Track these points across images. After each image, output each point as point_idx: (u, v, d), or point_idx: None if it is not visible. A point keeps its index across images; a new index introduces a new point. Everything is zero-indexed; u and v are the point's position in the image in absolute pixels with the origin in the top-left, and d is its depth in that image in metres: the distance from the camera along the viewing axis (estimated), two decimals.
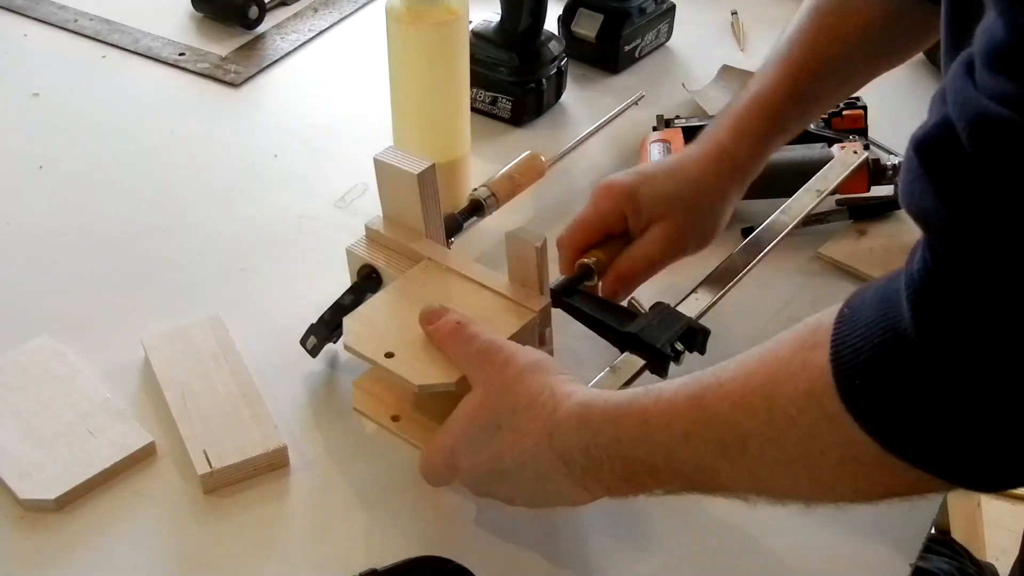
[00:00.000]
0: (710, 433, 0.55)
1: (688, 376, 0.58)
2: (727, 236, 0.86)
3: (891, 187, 0.96)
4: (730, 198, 0.81)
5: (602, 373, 0.74)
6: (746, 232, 0.94)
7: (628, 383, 0.73)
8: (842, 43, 0.80)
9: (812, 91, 0.81)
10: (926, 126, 0.45)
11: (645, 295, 0.82)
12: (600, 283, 0.80)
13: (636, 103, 1.07)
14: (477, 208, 0.90)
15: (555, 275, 0.78)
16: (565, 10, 1.18)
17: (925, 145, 0.45)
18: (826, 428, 0.49)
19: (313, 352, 0.81)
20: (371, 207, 0.91)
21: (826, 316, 0.51)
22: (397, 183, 0.78)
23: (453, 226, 0.87)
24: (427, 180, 0.76)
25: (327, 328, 0.80)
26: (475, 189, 0.91)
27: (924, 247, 0.46)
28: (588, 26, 1.16)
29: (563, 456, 0.61)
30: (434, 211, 0.78)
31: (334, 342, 0.81)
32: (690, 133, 1.00)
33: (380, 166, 0.78)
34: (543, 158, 0.96)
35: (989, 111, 0.41)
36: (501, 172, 0.93)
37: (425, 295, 0.73)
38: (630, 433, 0.58)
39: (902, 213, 0.91)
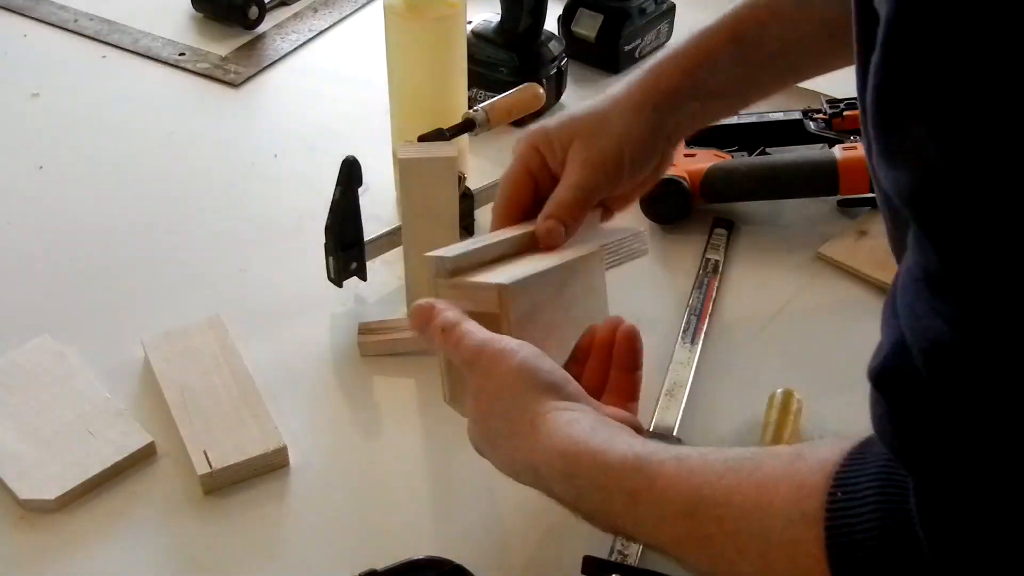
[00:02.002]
0: (703, 552, 0.52)
1: (678, 463, 0.53)
2: (697, 231, 0.85)
3: None
4: (652, 114, 0.74)
5: None
6: (717, 222, 0.95)
7: None
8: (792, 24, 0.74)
9: (750, 30, 0.75)
10: (881, 353, 0.44)
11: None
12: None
13: None
14: (469, 125, 0.90)
15: None
16: (565, 10, 1.18)
17: (884, 376, 0.44)
18: None
19: (336, 280, 0.83)
20: (371, 207, 0.91)
21: (815, 476, 0.47)
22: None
23: (439, 138, 0.87)
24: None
25: (336, 240, 0.81)
26: (472, 109, 0.91)
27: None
28: (588, 26, 1.16)
29: (551, 492, 0.58)
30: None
31: (357, 272, 0.84)
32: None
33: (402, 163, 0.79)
34: (541, 90, 0.96)
35: (940, 336, 0.40)
36: (499, 97, 0.93)
37: None
38: (619, 507, 0.54)
39: None
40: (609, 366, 0.66)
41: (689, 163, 0.96)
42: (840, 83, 0.82)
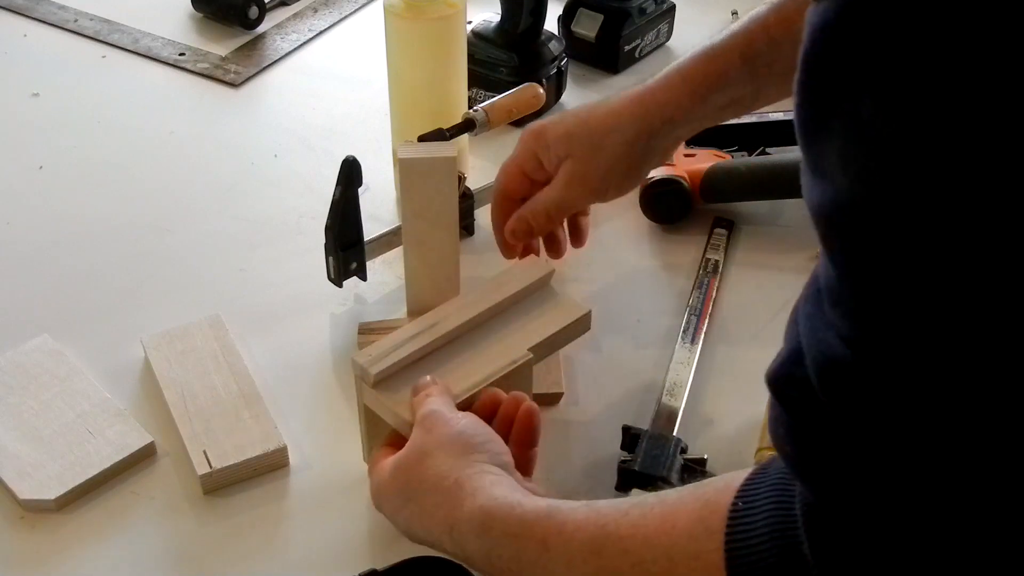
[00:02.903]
0: None
1: (588, 508, 0.54)
2: (697, 231, 0.84)
3: None
4: (649, 141, 0.76)
5: None
6: (717, 222, 0.94)
7: None
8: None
9: (763, 51, 0.73)
10: (779, 357, 0.45)
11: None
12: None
13: None
14: (469, 125, 0.90)
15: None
16: (565, 10, 1.18)
17: (779, 381, 0.44)
18: None
19: (336, 280, 0.83)
20: (371, 207, 0.91)
21: (721, 495, 0.48)
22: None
23: (439, 138, 0.86)
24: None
25: (336, 240, 0.81)
26: (472, 109, 0.91)
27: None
28: (588, 26, 1.16)
29: (464, 553, 0.59)
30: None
31: (356, 272, 0.83)
32: None
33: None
34: (541, 90, 0.96)
35: (832, 350, 0.41)
36: (499, 97, 0.93)
37: None
38: (530, 556, 0.55)
39: None
40: (508, 441, 0.65)
41: (689, 163, 0.96)
42: None
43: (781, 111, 1.02)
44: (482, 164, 1.01)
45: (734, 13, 1.28)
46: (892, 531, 0.41)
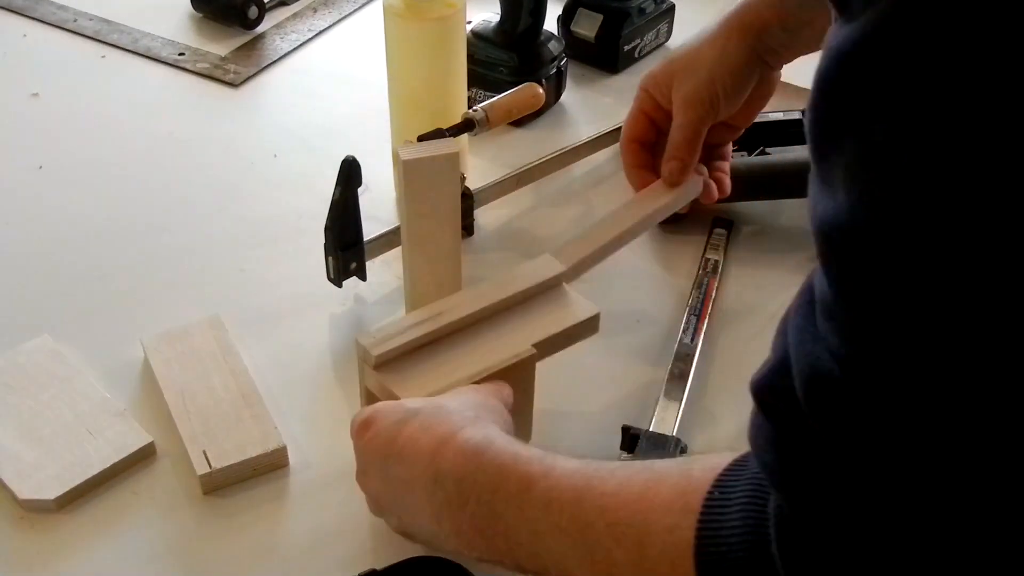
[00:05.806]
0: (582, 541, 0.52)
1: (579, 461, 0.55)
2: (697, 231, 0.84)
3: None
4: (738, 42, 0.82)
5: None
6: (717, 222, 0.94)
7: None
8: None
9: None
10: (766, 367, 0.45)
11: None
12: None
13: None
14: (468, 125, 0.90)
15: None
16: (565, 10, 1.18)
17: (763, 391, 0.45)
18: None
19: (336, 280, 0.83)
20: (371, 207, 0.91)
21: (706, 475, 0.48)
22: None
23: (438, 137, 0.86)
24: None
25: (336, 240, 0.81)
26: (471, 109, 0.91)
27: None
28: (588, 26, 1.16)
29: (446, 503, 0.57)
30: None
31: (356, 272, 0.83)
32: None
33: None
34: (540, 89, 0.95)
35: (821, 365, 0.41)
36: (498, 96, 0.93)
37: None
38: (511, 490, 0.55)
39: None
40: None
41: None
42: None
43: (780, 111, 1.02)
44: (482, 164, 1.02)
45: None
46: (865, 547, 0.41)
